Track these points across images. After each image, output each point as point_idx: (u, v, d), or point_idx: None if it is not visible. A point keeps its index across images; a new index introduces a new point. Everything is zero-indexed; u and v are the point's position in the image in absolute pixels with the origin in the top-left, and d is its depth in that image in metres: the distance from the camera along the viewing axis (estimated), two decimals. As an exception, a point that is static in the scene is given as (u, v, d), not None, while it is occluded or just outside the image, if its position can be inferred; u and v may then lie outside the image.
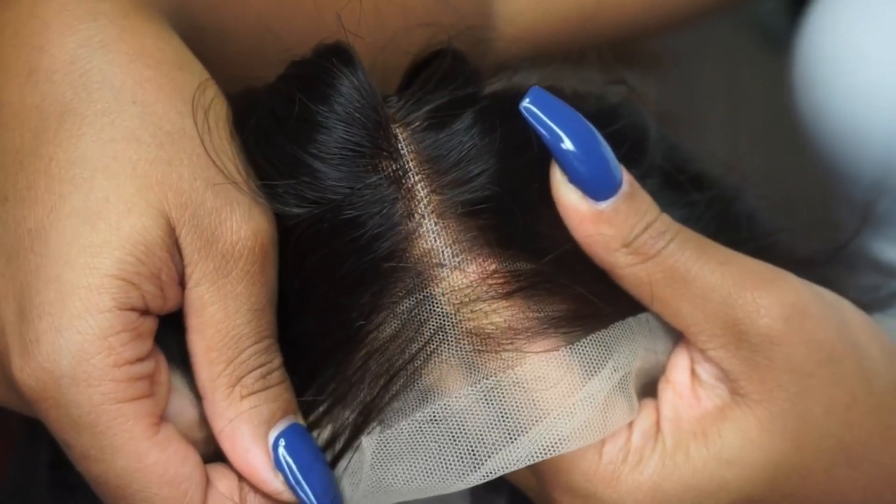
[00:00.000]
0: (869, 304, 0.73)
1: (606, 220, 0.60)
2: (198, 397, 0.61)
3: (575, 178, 0.60)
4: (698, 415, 0.61)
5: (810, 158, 0.88)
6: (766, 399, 0.60)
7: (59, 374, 0.58)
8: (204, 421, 0.61)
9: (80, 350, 0.58)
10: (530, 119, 0.59)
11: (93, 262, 0.58)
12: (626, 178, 0.60)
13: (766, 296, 0.60)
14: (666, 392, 0.62)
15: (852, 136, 0.83)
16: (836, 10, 0.85)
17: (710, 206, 0.68)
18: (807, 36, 0.86)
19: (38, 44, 0.60)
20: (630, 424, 0.61)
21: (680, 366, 0.62)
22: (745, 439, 0.60)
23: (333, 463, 0.62)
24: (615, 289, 0.61)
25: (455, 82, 0.63)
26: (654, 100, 0.70)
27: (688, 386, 0.62)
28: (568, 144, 0.59)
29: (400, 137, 0.61)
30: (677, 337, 0.63)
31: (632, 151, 0.64)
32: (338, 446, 0.62)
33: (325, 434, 0.62)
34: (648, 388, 0.63)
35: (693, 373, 0.62)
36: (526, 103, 0.59)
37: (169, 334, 0.61)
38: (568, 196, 0.60)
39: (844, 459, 0.61)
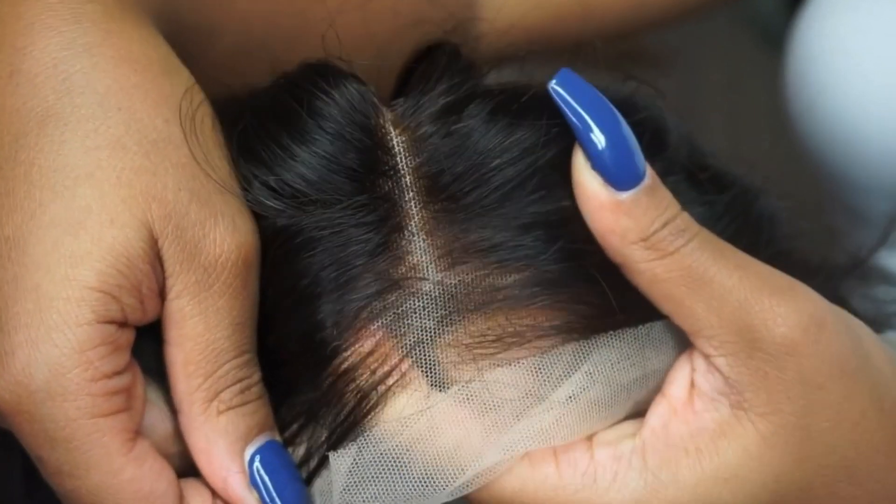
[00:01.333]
0: (878, 318, 0.72)
1: (626, 211, 0.58)
2: (173, 411, 0.60)
3: (598, 165, 0.58)
4: (693, 430, 0.59)
5: (802, 159, 0.87)
6: (772, 412, 0.59)
7: (35, 388, 0.56)
8: (178, 435, 0.60)
9: (56, 364, 0.56)
10: (558, 101, 0.58)
11: (73, 273, 0.57)
12: (649, 171, 0.59)
13: (783, 304, 0.58)
14: (659, 406, 0.60)
15: (843, 137, 0.82)
16: (828, 11, 0.85)
17: (730, 206, 0.67)
18: (799, 36, 0.86)
19: (20, 45, 0.59)
20: (591, 444, 0.60)
21: (679, 379, 0.61)
22: (746, 455, 0.59)
23: (308, 481, 0.61)
24: (603, 304, 0.60)
25: (452, 81, 0.62)
26: (669, 95, 0.68)
27: (684, 401, 0.60)
28: (595, 130, 0.58)
29: (396, 142, 0.60)
30: (675, 354, 0.61)
31: (651, 145, 0.63)
32: (312, 464, 0.61)
33: (300, 451, 0.61)
34: (638, 406, 0.62)
35: (693, 384, 0.60)
36: (553, 84, 0.58)
37: (144, 344, 0.60)
38: (589, 182, 0.58)
39: (847, 476, 0.60)
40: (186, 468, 0.61)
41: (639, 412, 0.62)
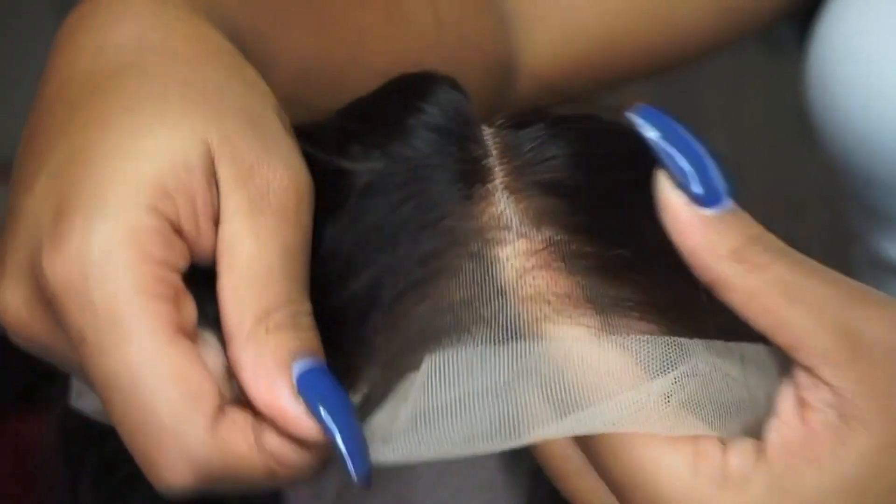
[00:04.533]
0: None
1: (713, 225, 0.59)
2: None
3: (685, 185, 0.59)
4: (811, 442, 0.58)
5: (822, 159, 0.87)
6: (884, 416, 0.57)
7: (87, 263, 0.58)
8: (231, 376, 0.60)
9: (108, 239, 0.58)
10: (645, 135, 0.59)
11: (133, 166, 0.59)
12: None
13: (881, 307, 0.58)
14: (773, 424, 0.59)
15: (868, 136, 0.82)
16: (851, 10, 0.85)
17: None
18: (821, 36, 0.86)
19: (107, 25, 0.64)
20: (725, 447, 0.59)
21: (786, 399, 0.59)
22: (864, 463, 0.57)
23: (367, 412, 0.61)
24: (690, 294, 0.60)
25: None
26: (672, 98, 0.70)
27: (796, 416, 0.59)
28: (683, 162, 0.59)
29: (486, 131, 0.64)
30: (777, 375, 0.60)
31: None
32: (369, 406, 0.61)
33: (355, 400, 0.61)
34: (747, 432, 0.61)
35: (800, 401, 0.59)
36: (634, 116, 0.59)
37: (200, 300, 0.60)
38: (675, 200, 0.59)
39: None
40: None
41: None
